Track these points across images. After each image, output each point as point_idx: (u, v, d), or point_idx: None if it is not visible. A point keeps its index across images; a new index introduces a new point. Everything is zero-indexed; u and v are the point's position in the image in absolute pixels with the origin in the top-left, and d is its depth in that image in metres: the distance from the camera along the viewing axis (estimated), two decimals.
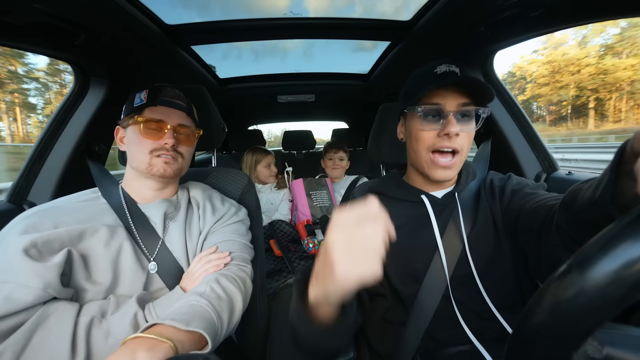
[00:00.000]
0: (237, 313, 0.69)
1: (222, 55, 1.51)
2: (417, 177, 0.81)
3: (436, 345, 0.69)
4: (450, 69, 0.69)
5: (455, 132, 0.67)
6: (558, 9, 0.84)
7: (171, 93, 0.80)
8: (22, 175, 1.05)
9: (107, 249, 0.68)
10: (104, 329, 0.59)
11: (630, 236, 0.25)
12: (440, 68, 0.70)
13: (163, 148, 0.76)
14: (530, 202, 0.67)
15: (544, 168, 1.22)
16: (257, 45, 1.53)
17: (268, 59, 1.69)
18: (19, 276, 0.56)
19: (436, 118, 0.71)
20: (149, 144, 0.75)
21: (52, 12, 0.78)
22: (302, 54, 1.64)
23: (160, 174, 0.76)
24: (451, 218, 0.75)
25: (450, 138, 0.68)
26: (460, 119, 0.69)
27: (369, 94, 2.19)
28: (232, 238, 0.82)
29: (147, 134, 0.75)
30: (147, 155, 0.75)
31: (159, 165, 0.76)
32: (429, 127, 0.70)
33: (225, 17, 1.14)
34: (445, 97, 0.69)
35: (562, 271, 0.27)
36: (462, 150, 0.70)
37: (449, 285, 0.69)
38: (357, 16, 1.19)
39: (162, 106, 0.78)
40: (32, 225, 0.63)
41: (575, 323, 0.26)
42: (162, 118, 0.76)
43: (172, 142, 0.76)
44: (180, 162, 0.80)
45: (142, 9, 0.92)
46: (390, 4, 1.13)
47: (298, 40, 1.41)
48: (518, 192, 0.73)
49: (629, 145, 0.37)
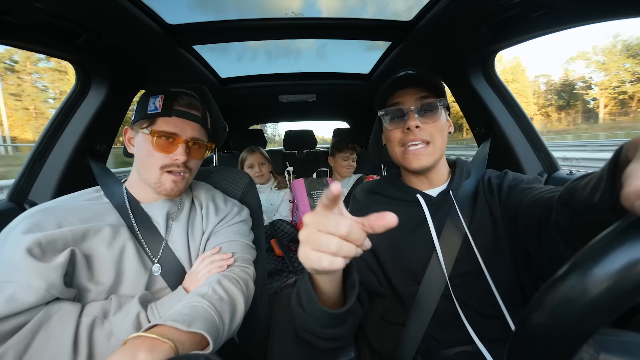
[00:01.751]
0: (239, 315, 0.69)
1: (224, 54, 1.51)
2: (410, 176, 0.83)
3: (437, 345, 0.70)
4: (408, 72, 0.75)
5: (414, 125, 0.73)
6: (559, 10, 0.84)
7: (187, 102, 0.78)
8: (22, 175, 1.05)
9: (110, 248, 0.68)
10: (106, 329, 0.59)
11: (632, 237, 0.25)
12: (399, 73, 0.77)
13: (174, 164, 0.75)
14: (527, 197, 0.68)
15: (545, 168, 1.22)
16: (259, 45, 1.53)
17: (269, 59, 1.68)
18: (22, 276, 0.56)
19: (400, 117, 0.77)
20: (160, 159, 0.74)
21: (54, 12, 0.78)
22: (303, 53, 1.64)
23: (167, 193, 0.76)
24: (448, 216, 0.75)
25: (412, 131, 0.74)
26: (423, 114, 0.75)
27: (370, 94, 2.19)
28: (234, 239, 0.82)
29: (160, 146, 0.74)
30: (157, 171, 0.74)
31: (167, 183, 0.75)
32: (395, 126, 0.78)
33: (226, 17, 1.14)
34: (404, 97, 0.77)
35: (564, 272, 0.27)
36: (434, 141, 0.75)
37: (449, 284, 0.70)
38: (358, 16, 1.19)
39: (177, 117, 0.76)
40: (36, 224, 0.63)
41: (576, 324, 0.26)
42: (175, 131, 0.74)
43: (183, 158, 0.74)
44: (188, 177, 0.80)
45: (144, 8, 0.92)
46: (391, 4, 1.12)
47: (299, 40, 1.40)
48: (514, 188, 0.74)
49: (623, 150, 0.37)
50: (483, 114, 1.30)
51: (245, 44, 1.46)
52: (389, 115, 0.78)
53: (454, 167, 0.84)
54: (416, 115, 0.74)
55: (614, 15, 0.80)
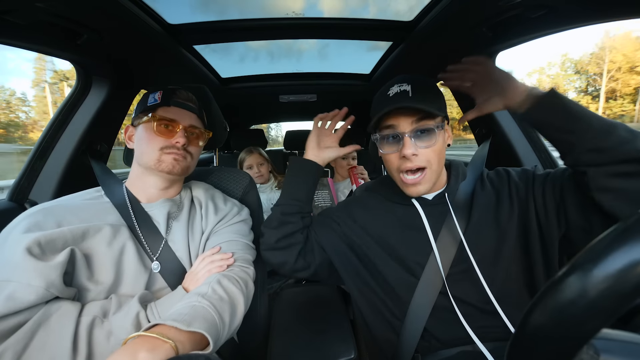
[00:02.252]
0: (239, 315, 0.68)
1: (224, 55, 1.51)
2: None
3: (438, 345, 0.70)
4: (401, 88, 0.71)
5: (410, 153, 0.69)
6: (560, 11, 0.84)
7: (184, 95, 0.84)
8: (23, 174, 1.05)
9: (110, 248, 0.68)
10: (106, 329, 0.59)
11: (632, 238, 0.25)
12: (392, 90, 0.72)
13: (174, 147, 0.78)
14: (556, 182, 0.69)
15: (545, 168, 1.22)
16: (260, 45, 1.53)
17: (270, 59, 1.69)
18: (22, 275, 0.56)
19: (395, 140, 0.73)
20: (160, 142, 0.78)
21: (55, 11, 0.78)
22: (304, 54, 1.64)
23: (169, 170, 0.78)
24: (445, 218, 0.76)
25: (409, 159, 0.70)
26: (418, 136, 0.71)
27: (371, 95, 2.18)
28: (234, 238, 0.82)
29: (160, 132, 0.78)
30: (157, 152, 0.77)
31: (168, 161, 0.77)
32: (390, 150, 0.74)
33: (226, 17, 1.14)
34: (399, 118, 0.71)
35: (564, 273, 0.27)
36: (431, 166, 0.72)
37: (446, 284, 0.70)
38: (358, 16, 1.19)
39: (176, 107, 0.81)
40: (36, 223, 0.63)
41: (576, 325, 0.26)
42: (175, 118, 0.79)
43: (183, 140, 0.78)
44: (189, 160, 0.82)
45: (145, 8, 0.92)
46: (392, 4, 1.13)
47: (300, 40, 1.41)
48: (540, 184, 0.72)
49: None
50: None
51: (246, 44, 1.46)
52: (382, 139, 0.75)
53: (449, 170, 0.84)
54: (412, 140, 0.69)
55: (613, 16, 0.80)
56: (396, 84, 0.72)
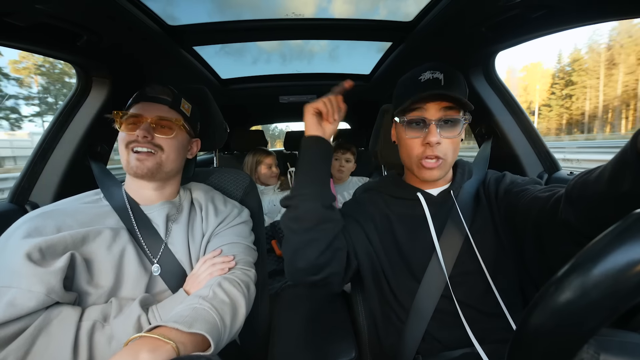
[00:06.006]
0: (240, 317, 0.68)
1: (224, 56, 1.51)
2: (413, 176, 0.82)
3: (439, 346, 0.69)
4: (434, 76, 0.70)
5: (435, 141, 0.69)
6: (560, 11, 0.84)
7: (157, 89, 0.80)
8: (24, 176, 1.05)
9: (110, 251, 0.68)
10: (107, 333, 0.59)
11: (632, 238, 0.25)
12: (425, 75, 0.71)
13: (136, 140, 0.74)
14: (522, 198, 0.68)
15: (545, 168, 1.22)
16: (259, 46, 1.53)
17: (270, 60, 1.69)
18: (22, 281, 0.55)
19: (420, 126, 0.73)
20: (126, 137, 0.75)
21: (55, 13, 0.78)
22: (304, 54, 1.64)
23: (134, 172, 0.74)
24: (449, 216, 0.75)
25: (432, 146, 0.70)
26: (443, 125, 0.71)
27: (371, 95, 2.19)
28: (235, 241, 0.82)
29: (127, 128, 0.76)
30: (125, 152, 0.75)
31: (132, 163, 0.74)
32: (413, 135, 0.73)
33: (226, 18, 1.14)
34: (429, 105, 0.71)
35: (564, 272, 0.27)
36: (446, 158, 0.72)
37: (449, 284, 0.69)
38: (358, 17, 1.19)
39: (145, 102, 0.78)
40: (35, 228, 0.63)
41: (576, 325, 0.26)
42: (139, 112, 0.76)
43: (143, 133, 0.73)
44: (160, 155, 0.76)
45: (145, 9, 0.92)
46: (392, 5, 1.13)
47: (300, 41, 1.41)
48: (510, 192, 0.74)
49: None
50: (484, 114, 1.30)
51: (246, 45, 1.46)
52: (407, 123, 0.74)
53: (455, 168, 0.84)
54: (438, 129, 0.70)
55: (613, 16, 0.80)
56: (428, 70, 0.71)
